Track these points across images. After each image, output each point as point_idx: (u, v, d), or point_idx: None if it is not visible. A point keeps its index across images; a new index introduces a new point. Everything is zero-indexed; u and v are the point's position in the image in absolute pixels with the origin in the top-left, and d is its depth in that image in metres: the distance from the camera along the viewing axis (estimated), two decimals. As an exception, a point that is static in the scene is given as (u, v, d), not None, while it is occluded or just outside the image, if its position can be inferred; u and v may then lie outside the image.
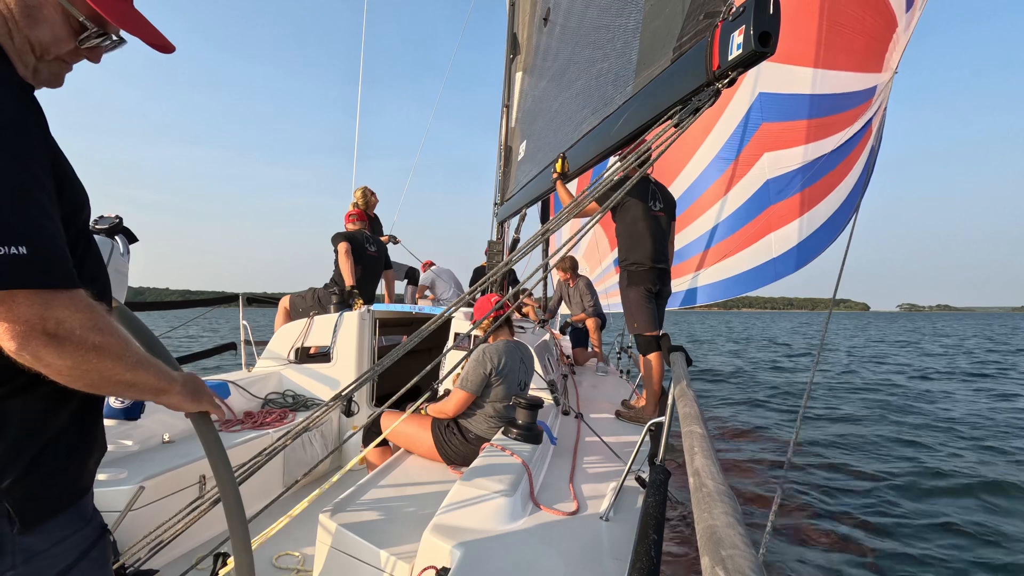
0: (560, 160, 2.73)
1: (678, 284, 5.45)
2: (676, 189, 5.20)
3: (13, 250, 0.58)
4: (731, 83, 1.16)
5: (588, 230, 1.57)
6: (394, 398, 1.73)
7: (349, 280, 3.87)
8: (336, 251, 4.06)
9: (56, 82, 0.79)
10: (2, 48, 0.69)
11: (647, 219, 3.12)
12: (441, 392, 2.91)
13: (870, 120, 4.12)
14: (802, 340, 28.91)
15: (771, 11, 1.03)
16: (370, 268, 4.28)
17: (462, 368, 2.52)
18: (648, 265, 3.08)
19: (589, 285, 5.92)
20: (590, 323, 5.73)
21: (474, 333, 2.85)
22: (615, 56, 2.00)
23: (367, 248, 4.23)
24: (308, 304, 4.02)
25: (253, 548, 1.04)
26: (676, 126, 1.28)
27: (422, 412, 2.38)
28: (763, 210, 4.59)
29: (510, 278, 5.53)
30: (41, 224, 0.61)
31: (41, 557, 0.70)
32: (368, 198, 5.11)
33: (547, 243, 6.29)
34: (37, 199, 0.62)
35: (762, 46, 1.03)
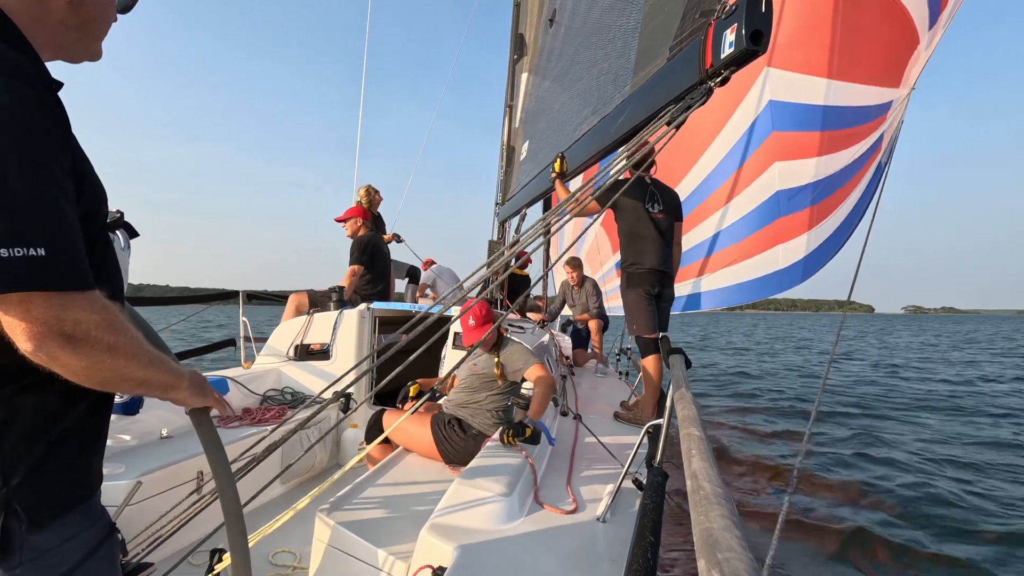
0: (559, 160, 2.72)
1: (681, 288, 5.44)
2: (680, 193, 5.17)
3: (31, 251, 0.58)
4: (724, 82, 1.16)
5: (584, 232, 1.57)
6: (379, 385, 1.72)
7: (348, 295, 4.04)
8: (350, 256, 4.14)
9: (89, 48, 0.78)
10: (28, 42, 0.69)
11: (645, 221, 3.11)
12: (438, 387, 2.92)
13: (882, 135, 4.08)
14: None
15: (763, 9, 1.02)
16: (385, 269, 4.37)
17: (469, 366, 2.52)
18: (647, 267, 3.07)
19: (595, 286, 5.92)
20: (592, 324, 5.73)
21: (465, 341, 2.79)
22: (615, 56, 2.00)
23: (383, 249, 4.34)
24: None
25: (250, 545, 1.04)
26: (669, 124, 1.27)
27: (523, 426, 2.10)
28: (772, 220, 4.54)
29: (519, 286, 5.51)
30: (60, 225, 0.61)
31: (49, 555, 0.69)
32: (372, 196, 5.11)
33: (548, 241, 6.28)
34: (56, 199, 0.61)
35: (754, 44, 1.02)
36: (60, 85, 0.71)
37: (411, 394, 2.65)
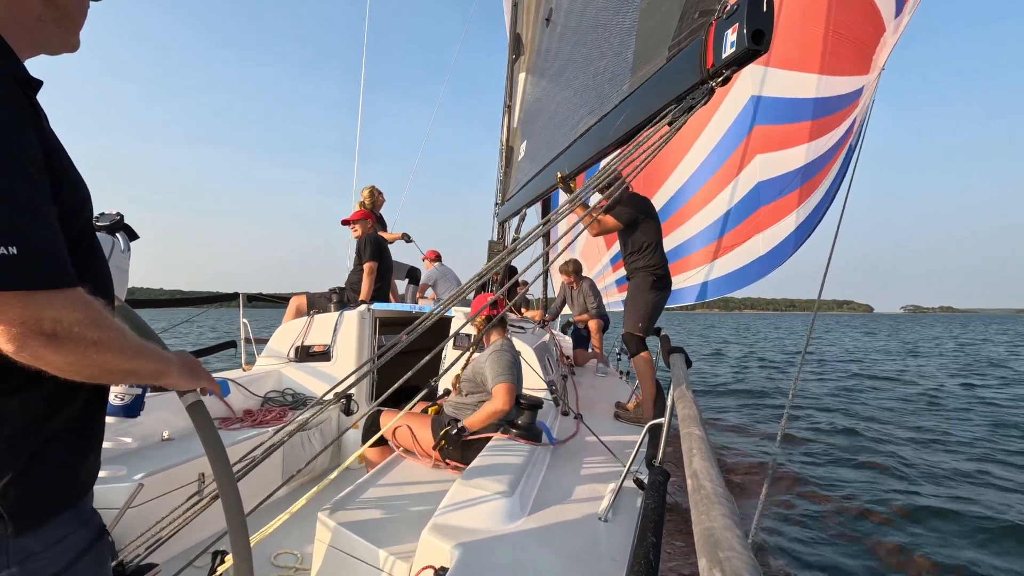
0: (561, 179, 2.66)
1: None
2: (666, 191, 5.28)
3: (2, 250, 0.56)
4: (725, 82, 1.16)
5: (578, 235, 1.58)
6: (388, 392, 1.72)
7: (365, 296, 4.00)
8: (363, 256, 4.13)
9: (68, 41, 0.76)
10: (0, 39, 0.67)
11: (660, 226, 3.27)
12: (441, 392, 2.91)
13: (854, 120, 4.24)
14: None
15: (764, 9, 1.02)
16: (389, 269, 4.43)
17: (465, 369, 2.52)
18: (666, 271, 3.22)
19: (593, 287, 5.91)
20: (592, 324, 5.73)
21: (468, 331, 2.86)
22: (611, 55, 2.00)
23: (387, 250, 4.41)
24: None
25: (252, 545, 1.04)
26: (670, 124, 1.27)
27: (461, 430, 2.22)
28: (753, 212, 4.67)
29: (508, 274, 5.54)
30: (31, 223, 0.60)
31: (35, 559, 0.69)
32: (375, 197, 5.12)
33: (547, 241, 6.32)
34: (27, 197, 0.60)
35: (755, 44, 1.02)
36: (39, 83, 0.70)
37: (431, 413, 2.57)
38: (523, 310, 5.92)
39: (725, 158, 4.71)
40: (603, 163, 1.80)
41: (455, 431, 2.19)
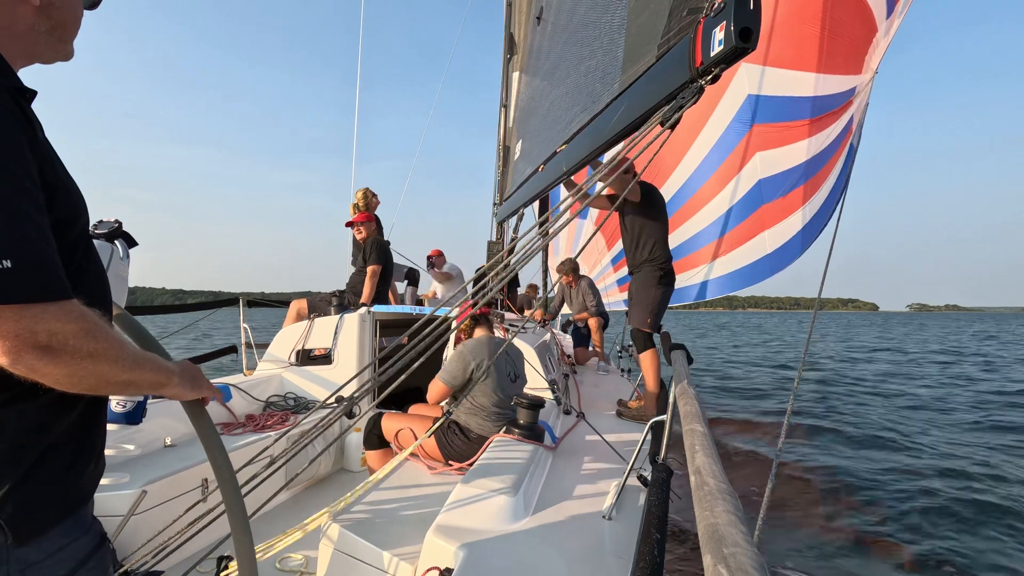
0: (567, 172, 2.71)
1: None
2: (667, 189, 5.30)
3: None
4: (715, 80, 1.15)
5: (594, 234, 1.58)
6: (387, 392, 1.72)
7: (367, 299, 4.00)
8: (367, 259, 4.11)
9: (61, 51, 0.76)
10: None
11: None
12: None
13: (852, 119, 4.26)
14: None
15: (751, 6, 1.02)
16: (391, 272, 4.44)
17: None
18: (671, 266, 3.22)
19: (592, 285, 5.92)
20: (592, 323, 5.73)
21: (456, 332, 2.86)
22: (602, 53, 1.99)
23: (391, 253, 4.41)
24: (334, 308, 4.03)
25: (257, 557, 1.03)
26: (662, 124, 1.27)
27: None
28: (756, 209, 4.69)
29: (511, 285, 5.55)
30: (26, 235, 0.59)
31: (36, 568, 0.69)
32: (369, 199, 5.13)
33: (547, 245, 6.32)
34: (21, 209, 0.59)
35: (743, 42, 1.02)
36: (33, 93, 0.70)
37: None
38: (526, 310, 5.92)
39: (725, 156, 4.73)
40: (605, 158, 1.80)
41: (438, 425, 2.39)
